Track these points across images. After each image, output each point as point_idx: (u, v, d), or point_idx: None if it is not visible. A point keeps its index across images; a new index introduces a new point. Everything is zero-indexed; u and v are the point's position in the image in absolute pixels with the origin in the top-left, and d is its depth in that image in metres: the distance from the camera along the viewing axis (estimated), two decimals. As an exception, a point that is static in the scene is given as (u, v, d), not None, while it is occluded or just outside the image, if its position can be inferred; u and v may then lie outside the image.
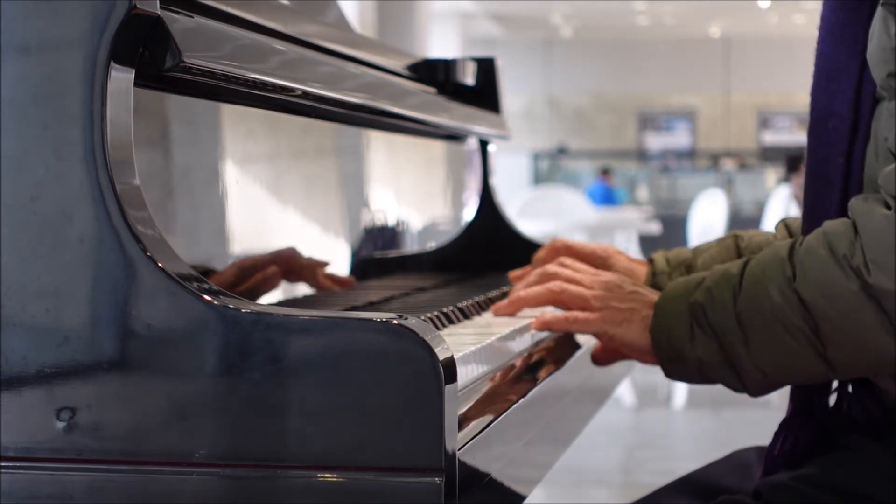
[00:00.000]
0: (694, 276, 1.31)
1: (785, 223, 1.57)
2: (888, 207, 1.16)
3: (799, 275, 1.20)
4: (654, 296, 1.34)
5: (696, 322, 1.27)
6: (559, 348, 1.41)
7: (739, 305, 1.24)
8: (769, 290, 1.22)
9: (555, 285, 1.38)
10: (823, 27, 1.33)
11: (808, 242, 1.22)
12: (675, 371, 1.31)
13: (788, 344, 1.21)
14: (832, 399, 1.36)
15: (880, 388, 1.29)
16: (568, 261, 1.44)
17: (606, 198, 14.63)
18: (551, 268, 1.42)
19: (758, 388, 1.27)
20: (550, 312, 1.39)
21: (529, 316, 1.40)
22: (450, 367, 0.90)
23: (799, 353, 1.21)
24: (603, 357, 1.43)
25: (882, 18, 1.23)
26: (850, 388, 1.34)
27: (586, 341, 1.51)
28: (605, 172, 15.76)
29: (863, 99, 1.28)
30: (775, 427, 1.37)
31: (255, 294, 1.22)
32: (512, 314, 1.41)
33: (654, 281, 1.56)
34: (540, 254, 1.55)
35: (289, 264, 1.31)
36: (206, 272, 1.13)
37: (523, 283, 1.43)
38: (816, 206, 1.30)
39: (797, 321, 1.20)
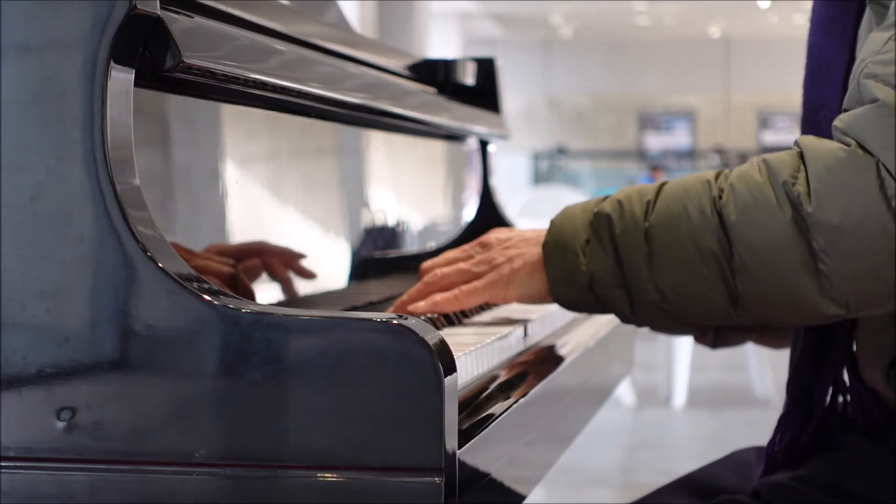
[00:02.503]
0: (597, 197, 1.25)
1: None
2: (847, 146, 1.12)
3: (726, 195, 1.15)
4: (541, 231, 1.27)
5: (596, 234, 1.20)
6: (559, 347, 1.42)
7: (651, 219, 1.18)
8: (688, 207, 1.16)
9: (431, 276, 1.30)
10: (814, 20, 1.34)
11: (742, 168, 1.17)
12: (563, 290, 1.23)
13: (696, 266, 1.15)
14: (829, 395, 1.36)
15: (878, 390, 1.29)
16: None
17: None
18: (426, 263, 1.34)
19: (649, 314, 1.21)
20: (439, 295, 1.29)
21: (529, 313, 1.40)
22: (450, 367, 0.90)
23: (705, 277, 1.15)
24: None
25: (868, 18, 1.23)
26: (846, 380, 1.34)
27: (585, 342, 1.52)
28: (655, 169, 15.60)
29: None
30: (775, 427, 1.37)
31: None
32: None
33: None
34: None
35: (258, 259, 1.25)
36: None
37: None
38: None
39: (712, 243, 1.14)
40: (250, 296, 1.18)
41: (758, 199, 1.13)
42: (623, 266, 1.19)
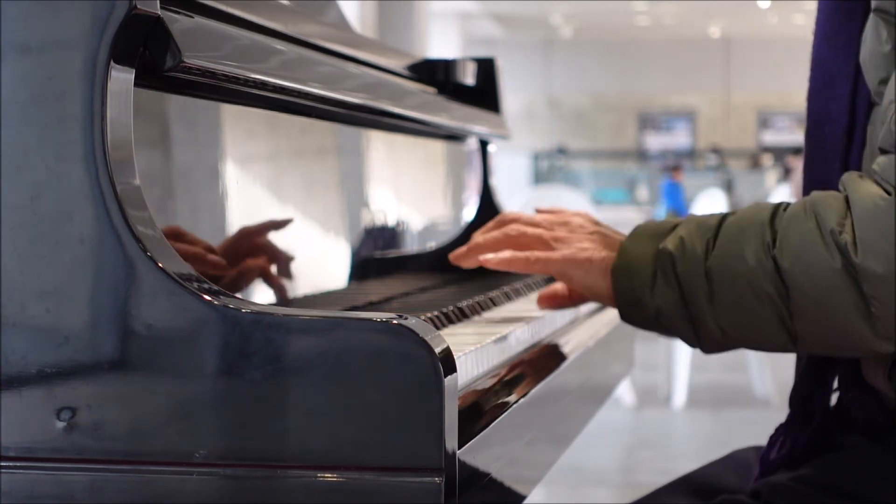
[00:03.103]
0: (665, 222, 1.29)
1: None
2: (887, 193, 1.15)
3: (779, 242, 1.18)
4: (618, 237, 1.31)
5: (662, 270, 1.24)
6: (559, 347, 1.42)
7: (711, 261, 1.21)
8: (745, 251, 1.19)
9: (512, 228, 1.34)
10: (819, 32, 1.33)
11: (794, 211, 1.19)
12: (631, 316, 1.28)
13: (755, 308, 1.19)
14: (832, 400, 1.36)
15: (880, 389, 1.29)
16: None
17: (673, 196, 14.27)
18: (510, 214, 1.38)
19: (713, 345, 1.25)
20: (510, 253, 1.33)
21: (529, 313, 1.40)
22: (450, 367, 0.90)
23: (764, 319, 1.19)
24: (547, 301, 1.40)
25: (874, 25, 1.23)
26: (849, 393, 1.34)
27: (585, 342, 1.52)
28: (675, 169, 15.48)
29: (858, 103, 1.28)
30: (775, 427, 1.37)
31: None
32: (471, 260, 1.36)
33: None
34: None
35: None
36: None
37: (482, 230, 1.39)
38: None
39: (768, 287, 1.18)
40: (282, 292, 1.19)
41: (810, 247, 1.16)
42: (687, 301, 1.23)
